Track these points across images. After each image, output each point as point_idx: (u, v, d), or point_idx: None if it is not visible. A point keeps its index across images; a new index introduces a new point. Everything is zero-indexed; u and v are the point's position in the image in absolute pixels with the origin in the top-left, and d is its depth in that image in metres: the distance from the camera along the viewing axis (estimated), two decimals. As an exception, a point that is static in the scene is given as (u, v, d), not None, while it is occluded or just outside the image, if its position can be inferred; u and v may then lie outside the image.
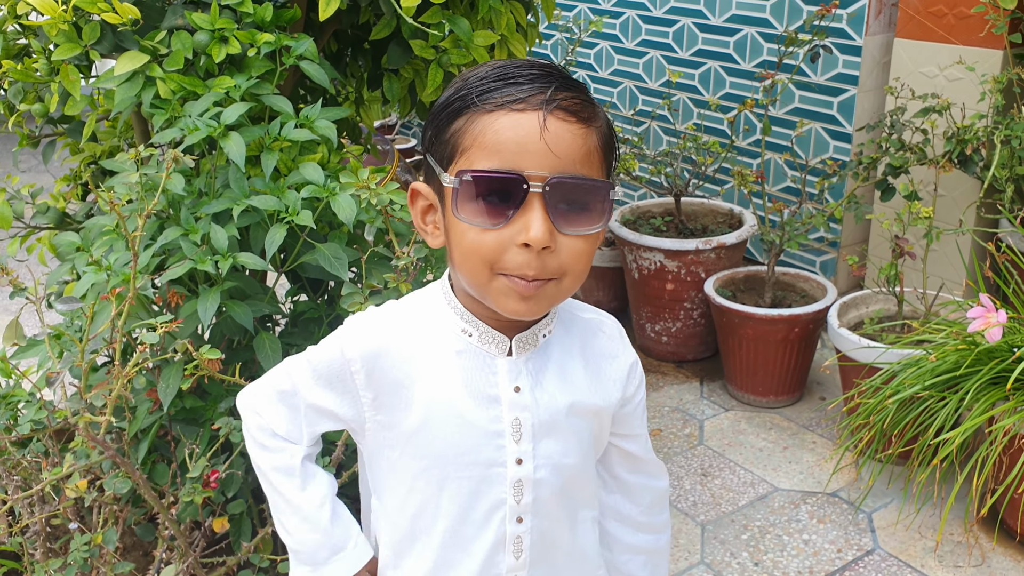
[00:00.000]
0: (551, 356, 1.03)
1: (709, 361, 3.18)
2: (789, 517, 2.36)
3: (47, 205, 2.32)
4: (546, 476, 1.02)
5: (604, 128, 0.94)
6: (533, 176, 0.88)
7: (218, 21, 1.75)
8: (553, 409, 1.01)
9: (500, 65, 0.92)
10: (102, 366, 1.92)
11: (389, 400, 1.00)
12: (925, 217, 2.48)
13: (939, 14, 2.85)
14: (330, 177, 1.70)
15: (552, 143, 0.88)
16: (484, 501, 1.02)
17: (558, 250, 0.90)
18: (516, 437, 1.00)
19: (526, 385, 1.00)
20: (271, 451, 1.08)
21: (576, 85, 0.93)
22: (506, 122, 0.88)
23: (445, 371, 0.99)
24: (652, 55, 3.96)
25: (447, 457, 1.00)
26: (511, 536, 1.03)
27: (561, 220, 0.90)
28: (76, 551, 1.48)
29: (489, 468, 1.00)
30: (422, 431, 1.00)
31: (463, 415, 0.99)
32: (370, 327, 1.02)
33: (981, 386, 2.02)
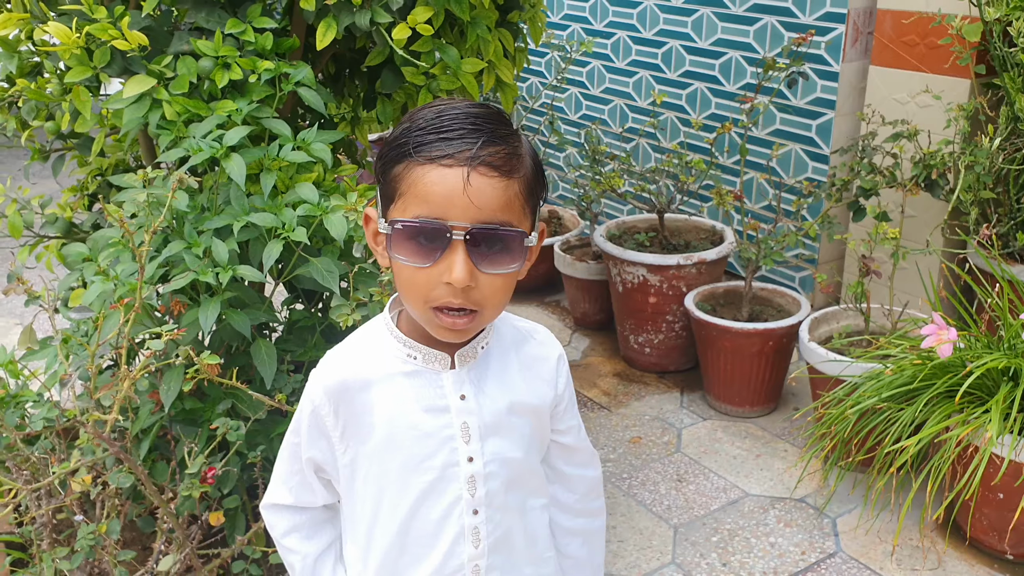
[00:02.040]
0: (490, 364, 1.16)
1: (690, 372, 3.30)
2: (758, 521, 2.48)
3: (55, 215, 2.43)
4: (495, 470, 1.16)
5: (528, 175, 1.05)
6: (456, 226, 1.00)
7: (221, 48, 1.88)
8: (495, 411, 1.15)
9: (438, 114, 1.03)
10: (106, 369, 2.04)
11: (353, 429, 1.14)
12: (892, 238, 2.61)
13: (911, 43, 2.99)
14: (324, 196, 1.82)
15: (474, 196, 0.99)
16: (444, 498, 1.15)
17: (479, 286, 1.03)
18: (466, 439, 1.14)
19: (470, 393, 1.14)
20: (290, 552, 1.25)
21: (504, 137, 1.03)
22: (435, 176, 1.00)
23: (398, 392, 1.13)
24: (642, 75, 4.09)
25: (408, 466, 1.14)
26: (469, 527, 1.16)
27: (481, 261, 1.02)
28: (83, 539, 1.59)
29: (445, 469, 1.14)
30: (385, 448, 1.14)
31: (419, 427, 1.13)
32: (327, 369, 1.16)
33: (935, 399, 2.14)
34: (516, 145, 1.04)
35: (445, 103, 1.06)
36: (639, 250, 3.26)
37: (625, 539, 2.43)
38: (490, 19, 2.18)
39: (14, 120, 2.38)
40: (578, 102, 4.49)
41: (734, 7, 3.57)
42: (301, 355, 1.94)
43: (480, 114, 1.04)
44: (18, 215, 2.31)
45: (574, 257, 3.60)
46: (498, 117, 1.05)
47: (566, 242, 3.75)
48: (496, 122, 1.04)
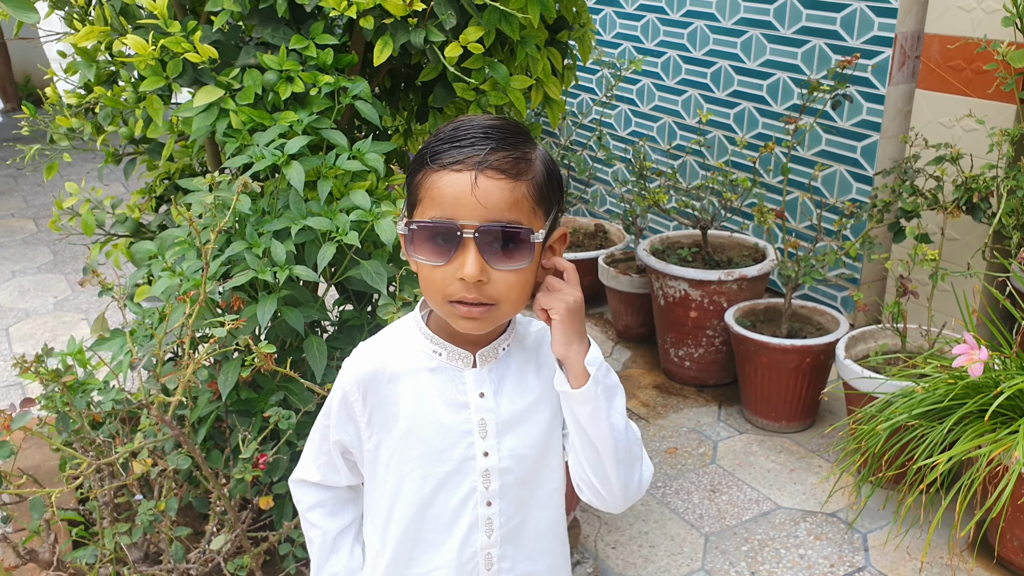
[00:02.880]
0: (510, 365, 1.24)
1: (729, 387, 3.34)
2: (788, 533, 2.52)
3: (125, 215, 2.58)
4: (509, 465, 1.23)
5: (538, 179, 1.12)
6: (466, 224, 1.09)
7: (285, 63, 2.00)
8: (513, 410, 1.23)
9: (455, 126, 1.13)
10: (168, 361, 2.16)
11: (379, 416, 1.22)
12: (931, 259, 2.64)
13: (958, 68, 3.02)
14: (376, 203, 1.93)
15: (481, 197, 1.08)
16: (460, 490, 1.23)
17: (492, 281, 1.11)
18: (483, 434, 1.22)
19: (489, 391, 1.22)
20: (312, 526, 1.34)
21: (513, 143, 1.11)
22: (447, 180, 1.09)
23: (423, 386, 1.22)
24: (691, 93, 4.16)
25: (428, 457, 1.22)
26: (483, 518, 1.24)
27: (493, 258, 1.10)
28: (143, 515, 1.71)
29: (462, 462, 1.22)
30: (407, 438, 1.22)
31: (440, 420, 1.21)
32: (359, 359, 1.24)
33: (966, 417, 2.17)
34: (526, 151, 1.12)
35: (466, 118, 1.15)
36: (682, 265, 3.32)
37: (656, 544, 2.49)
38: (539, 38, 2.27)
39: (90, 125, 2.53)
40: (627, 119, 4.57)
41: (783, 29, 3.62)
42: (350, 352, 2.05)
43: (494, 125, 1.12)
44: (91, 214, 2.46)
45: (618, 270, 3.67)
46: (512, 127, 1.13)
47: (610, 255, 3.83)
48: (508, 132, 1.11)
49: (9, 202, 5.75)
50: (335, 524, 1.34)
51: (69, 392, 2.00)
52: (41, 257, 4.80)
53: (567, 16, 2.46)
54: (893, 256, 3.32)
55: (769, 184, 3.77)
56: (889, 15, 3.20)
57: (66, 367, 2.19)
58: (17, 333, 3.92)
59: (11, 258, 4.79)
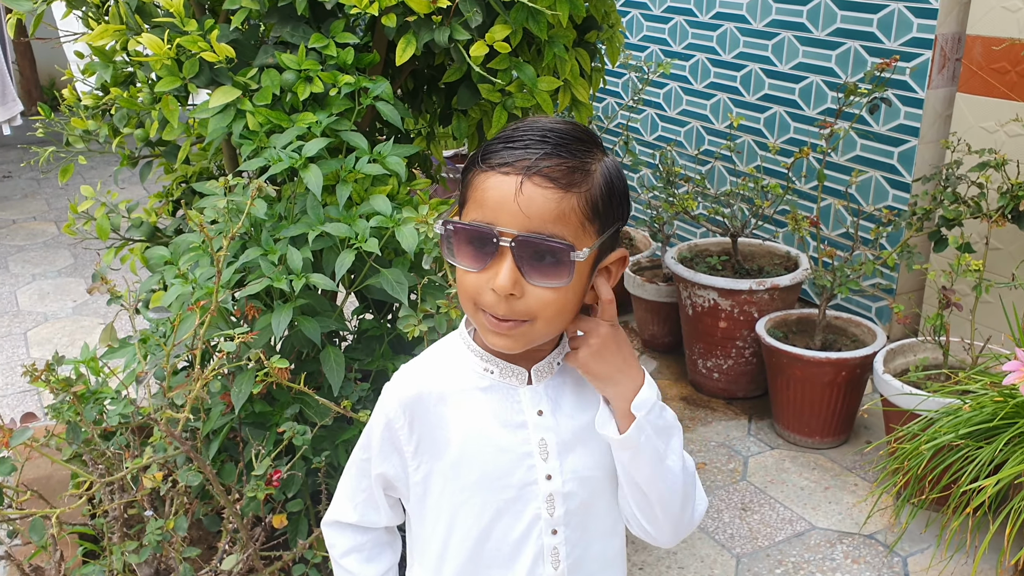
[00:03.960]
0: (567, 380, 1.14)
1: (759, 400, 3.24)
2: (824, 555, 2.41)
3: (140, 220, 2.52)
4: (573, 489, 1.12)
5: (593, 192, 1.02)
6: (504, 232, 0.99)
7: (304, 62, 1.93)
8: (573, 428, 1.12)
9: (516, 125, 1.04)
10: (182, 370, 2.09)
11: (428, 444, 1.13)
12: (975, 269, 2.53)
13: (1002, 71, 2.90)
14: (397, 208, 1.85)
15: (524, 205, 0.98)
16: (522, 519, 1.12)
17: (526, 296, 1.01)
18: (544, 456, 1.11)
19: (547, 409, 1.12)
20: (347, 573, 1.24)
21: (572, 151, 1.01)
22: (493, 182, 1.01)
23: (475, 407, 1.11)
24: (720, 97, 4.05)
25: (484, 483, 1.12)
26: (548, 548, 1.13)
27: (529, 271, 1.00)
28: (151, 534, 1.64)
29: (523, 488, 1.11)
30: (461, 463, 1.12)
31: (495, 443, 1.11)
32: (402, 383, 1.15)
33: (1016, 438, 2.06)
34: (585, 160, 1.02)
35: (532, 118, 1.06)
36: (711, 273, 3.22)
37: (686, 566, 2.39)
38: (567, 38, 2.19)
39: (106, 127, 2.48)
40: (654, 123, 4.47)
41: (816, 31, 3.52)
42: (369, 364, 1.97)
43: (556, 128, 1.03)
44: (106, 218, 2.40)
45: (644, 279, 3.57)
46: (575, 133, 1.03)
47: (636, 263, 3.73)
48: (570, 137, 1.02)
49: (32, 205, 5.73)
50: (372, 571, 1.24)
51: (80, 402, 1.93)
52: (62, 260, 4.77)
53: (596, 16, 2.37)
54: (932, 266, 3.20)
55: (801, 191, 3.66)
56: (929, 16, 3.09)
57: (78, 375, 2.13)
58: (35, 337, 3.88)
59: (32, 261, 4.77)
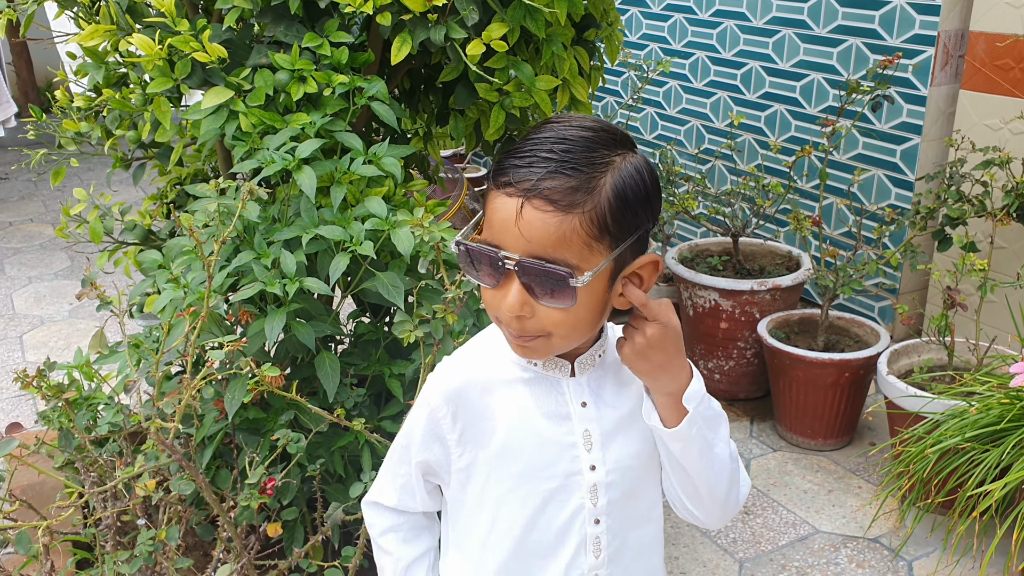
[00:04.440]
0: (608, 372, 1.14)
1: (761, 401, 3.20)
2: (828, 560, 2.38)
3: (134, 222, 2.49)
4: (616, 479, 1.13)
5: (599, 210, 0.98)
6: (508, 256, 0.98)
7: (298, 62, 1.89)
8: (616, 418, 1.13)
9: (530, 136, 1.01)
10: (176, 375, 2.06)
11: (472, 433, 1.13)
12: (980, 269, 2.49)
13: (1005, 67, 2.87)
14: (392, 210, 1.81)
15: (524, 229, 0.97)
16: (566, 508, 1.13)
17: (537, 315, 1.01)
18: (588, 447, 1.12)
19: (590, 400, 1.12)
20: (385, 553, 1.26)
21: (578, 167, 0.98)
22: (499, 203, 0.99)
23: (519, 398, 1.12)
24: (720, 96, 4.02)
25: (528, 474, 1.12)
26: (591, 537, 1.14)
27: (536, 292, 0.99)
28: (142, 545, 1.61)
29: (568, 477, 1.12)
30: (505, 453, 1.12)
31: (540, 433, 1.11)
32: (447, 373, 1.16)
33: (1023, 441, 2.02)
34: (592, 176, 0.98)
35: (554, 122, 1.03)
36: (712, 274, 3.19)
37: (688, 571, 2.35)
38: (566, 37, 2.16)
39: (99, 129, 2.44)
40: (654, 122, 4.44)
41: (817, 28, 3.48)
42: (365, 369, 1.94)
43: (568, 138, 0.99)
44: (99, 221, 2.36)
45: (645, 279, 3.53)
46: (590, 141, 1.00)
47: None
48: (581, 148, 0.99)
49: (28, 207, 5.70)
50: (410, 552, 1.25)
51: (72, 408, 1.90)
52: (58, 263, 4.74)
53: (595, 14, 2.34)
54: (936, 265, 3.17)
55: (803, 190, 3.62)
56: (931, 12, 3.06)
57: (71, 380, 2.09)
58: (31, 341, 3.85)
59: (29, 264, 4.74)
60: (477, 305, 1.99)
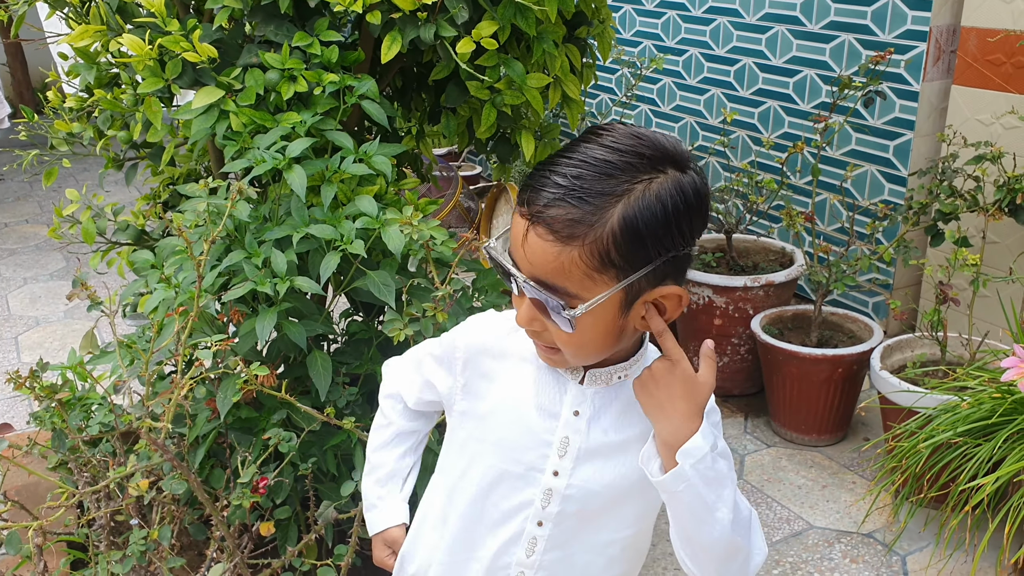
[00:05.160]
0: (620, 395, 1.11)
1: (755, 397, 3.21)
2: (822, 555, 2.39)
3: (127, 223, 2.49)
4: (575, 495, 1.13)
5: (601, 241, 0.94)
6: (515, 275, 1.00)
7: (288, 61, 1.89)
8: (604, 442, 1.11)
9: (560, 152, 0.99)
10: (168, 375, 2.06)
11: (474, 387, 1.18)
12: (972, 264, 2.50)
13: (997, 63, 2.87)
14: (383, 209, 1.81)
15: (528, 252, 0.98)
16: (516, 496, 1.16)
17: (547, 330, 1.03)
18: (561, 452, 1.12)
19: (586, 412, 1.11)
20: (380, 416, 1.37)
21: (585, 198, 0.94)
22: (515, 219, 1.01)
23: (523, 377, 1.15)
24: (713, 92, 4.02)
25: (500, 447, 1.15)
26: (528, 535, 1.16)
27: (543, 310, 1.01)
28: (135, 544, 1.61)
29: (529, 469, 1.14)
30: (488, 419, 1.16)
31: (524, 418, 1.14)
32: (482, 327, 1.21)
33: (1015, 435, 2.03)
34: (599, 207, 0.94)
35: (596, 134, 0.98)
36: (705, 270, 3.19)
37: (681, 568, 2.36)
38: (557, 34, 2.16)
39: (91, 129, 2.44)
40: (648, 119, 4.44)
41: (810, 24, 3.48)
42: (357, 368, 1.94)
43: (589, 161, 0.95)
44: (92, 222, 2.36)
45: (639, 276, 3.54)
46: (610, 167, 0.94)
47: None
48: (600, 174, 0.94)
49: (24, 207, 5.69)
50: (404, 425, 1.35)
51: (64, 409, 1.90)
52: (53, 264, 4.74)
53: (586, 11, 2.34)
54: (929, 260, 3.18)
55: (796, 186, 3.63)
56: (923, 8, 3.06)
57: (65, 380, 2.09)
58: (27, 342, 3.85)
59: (24, 264, 4.73)
60: (469, 303, 1.99)
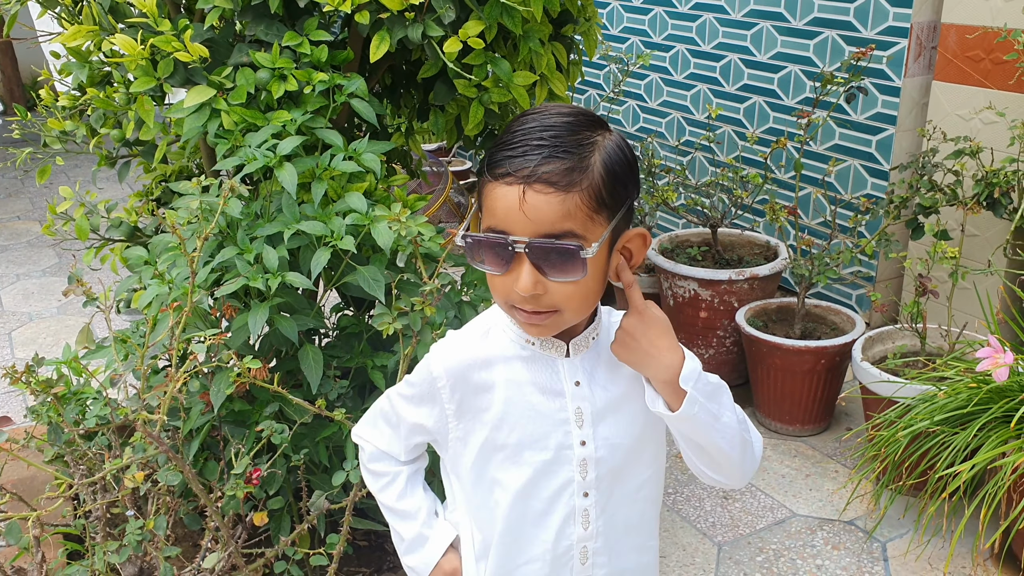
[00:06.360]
0: (601, 354, 1.20)
1: (740, 388, 3.26)
2: (804, 542, 2.44)
3: (120, 219, 2.52)
4: (605, 455, 1.20)
5: (595, 185, 1.06)
6: (517, 240, 1.05)
7: (278, 60, 1.93)
8: (607, 398, 1.19)
9: (514, 129, 1.08)
10: (163, 369, 2.10)
11: (471, 403, 1.20)
12: (951, 257, 2.55)
13: (976, 59, 2.92)
14: (372, 205, 1.85)
15: (529, 212, 1.03)
16: (555, 479, 1.20)
17: (549, 292, 1.07)
18: (579, 423, 1.19)
19: (584, 380, 1.19)
20: (379, 478, 1.35)
21: (568, 150, 1.05)
22: (499, 192, 1.05)
23: (516, 373, 1.19)
24: (699, 88, 4.07)
25: (523, 444, 1.19)
26: (579, 509, 1.21)
27: (547, 270, 1.06)
28: (131, 535, 1.65)
29: (560, 451, 1.19)
30: (502, 425, 1.19)
31: (535, 407, 1.18)
32: (451, 348, 1.22)
33: (990, 423, 2.08)
34: (582, 156, 1.06)
35: (535, 112, 1.09)
36: (691, 264, 3.24)
37: (668, 555, 2.41)
38: (543, 33, 2.20)
39: (84, 127, 2.47)
40: (635, 114, 4.48)
41: (794, 21, 3.53)
42: (348, 361, 1.98)
43: (557, 124, 1.07)
44: (85, 219, 2.39)
45: (627, 270, 3.58)
46: (573, 126, 1.07)
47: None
48: (568, 132, 1.06)
49: (16, 204, 5.71)
50: (408, 468, 1.34)
51: (60, 403, 1.94)
52: (46, 260, 4.76)
53: (572, 9, 2.38)
54: (910, 253, 3.23)
55: (781, 180, 3.68)
56: (904, 4, 3.11)
57: (60, 375, 2.13)
58: (20, 338, 3.87)
59: (16, 261, 4.75)
60: (458, 297, 2.03)
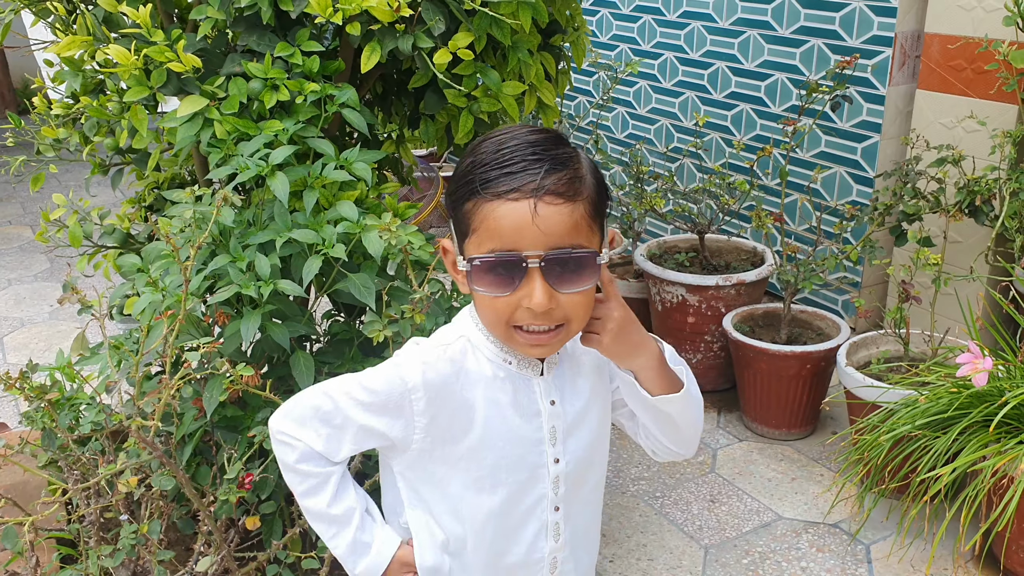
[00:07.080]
0: (565, 370, 1.22)
1: (727, 393, 3.30)
2: (790, 545, 2.47)
3: (113, 226, 2.54)
4: (572, 469, 1.23)
5: (591, 194, 1.08)
6: (530, 255, 1.04)
7: (271, 71, 1.96)
8: (574, 413, 1.22)
9: (499, 147, 1.06)
10: (156, 375, 2.12)
11: (447, 422, 1.17)
12: (934, 263, 2.59)
13: (958, 68, 2.97)
14: (363, 214, 1.88)
15: (542, 225, 1.03)
16: (529, 497, 1.22)
17: (560, 305, 1.08)
18: (552, 441, 1.21)
19: (557, 398, 1.21)
20: (307, 479, 1.24)
21: (564, 161, 1.06)
22: (504, 210, 1.04)
23: (496, 394, 1.18)
24: (688, 95, 4.11)
25: (500, 466, 1.20)
26: (551, 523, 1.24)
27: (558, 283, 1.06)
28: (125, 539, 1.67)
29: (535, 469, 1.21)
30: (480, 447, 1.19)
31: (513, 430, 1.19)
32: (429, 359, 1.17)
33: (970, 427, 2.12)
34: (577, 167, 1.08)
35: (505, 133, 1.09)
36: (679, 270, 3.27)
37: (655, 558, 2.44)
38: (532, 43, 2.23)
39: (77, 135, 2.49)
40: (624, 121, 4.53)
41: (781, 29, 3.58)
42: (338, 367, 2.00)
43: (539, 141, 1.07)
44: (78, 226, 2.41)
45: (615, 275, 3.62)
46: (555, 140, 1.08)
47: (608, 259, 3.78)
48: (554, 145, 1.07)
49: (7, 209, 5.71)
50: (338, 468, 1.25)
51: (54, 408, 1.96)
52: (38, 265, 4.77)
53: (560, 20, 2.41)
54: (894, 260, 3.27)
55: (767, 187, 3.72)
56: (889, 14, 3.16)
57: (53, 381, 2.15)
58: (12, 343, 3.88)
59: (7, 266, 4.76)
60: (448, 304, 2.06)
